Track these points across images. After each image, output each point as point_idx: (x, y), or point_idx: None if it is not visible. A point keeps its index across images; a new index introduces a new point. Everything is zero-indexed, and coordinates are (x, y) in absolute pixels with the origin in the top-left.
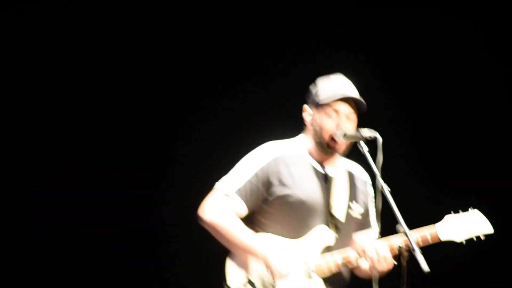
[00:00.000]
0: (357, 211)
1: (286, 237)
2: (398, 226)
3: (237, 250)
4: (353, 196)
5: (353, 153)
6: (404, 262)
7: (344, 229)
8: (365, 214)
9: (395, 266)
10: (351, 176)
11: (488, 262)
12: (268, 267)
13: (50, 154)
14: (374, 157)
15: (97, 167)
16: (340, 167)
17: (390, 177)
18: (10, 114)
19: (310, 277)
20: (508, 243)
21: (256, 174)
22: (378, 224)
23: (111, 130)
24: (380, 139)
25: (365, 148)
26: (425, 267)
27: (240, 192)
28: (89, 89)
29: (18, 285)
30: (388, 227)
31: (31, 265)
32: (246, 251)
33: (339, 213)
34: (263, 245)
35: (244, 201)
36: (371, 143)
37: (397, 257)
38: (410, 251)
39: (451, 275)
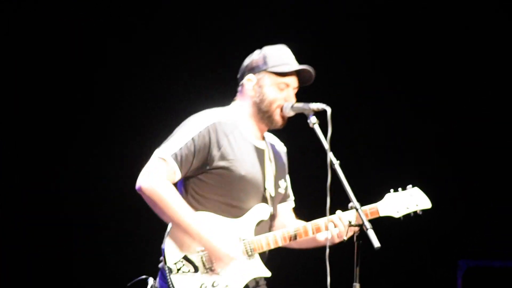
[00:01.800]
0: (282, 184)
1: (223, 214)
2: (350, 203)
3: (174, 225)
4: (279, 169)
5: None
6: (355, 238)
7: (274, 204)
8: (286, 186)
9: (343, 242)
10: (273, 148)
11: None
12: (208, 249)
13: None
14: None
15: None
16: (266, 139)
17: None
18: None
19: (248, 254)
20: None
21: (192, 138)
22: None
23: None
24: (329, 112)
25: (314, 121)
26: (376, 243)
27: (175, 156)
28: None
29: None
30: (335, 202)
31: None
32: (184, 229)
33: (271, 188)
34: (202, 226)
35: (179, 166)
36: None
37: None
38: (361, 227)
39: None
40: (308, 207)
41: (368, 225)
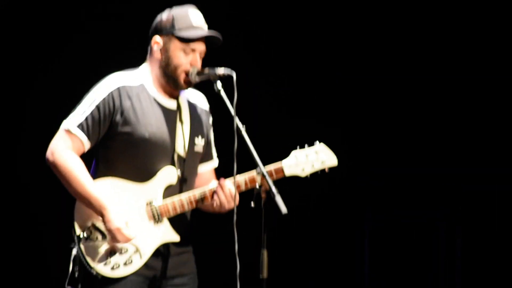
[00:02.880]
0: (199, 144)
1: (132, 179)
2: (257, 169)
3: (78, 198)
4: (195, 129)
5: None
6: (262, 204)
7: (187, 165)
8: (206, 145)
9: (251, 208)
10: (192, 107)
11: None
12: (103, 221)
13: None
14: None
15: None
16: (182, 98)
17: (244, 116)
18: None
19: (155, 218)
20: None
21: (97, 106)
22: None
23: None
24: (235, 77)
25: (219, 86)
26: (283, 209)
27: (82, 127)
28: None
29: None
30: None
31: None
32: (85, 201)
33: (182, 149)
34: (100, 197)
35: (86, 135)
36: (225, 81)
37: (253, 197)
38: (268, 193)
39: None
40: (216, 172)
41: (275, 190)
